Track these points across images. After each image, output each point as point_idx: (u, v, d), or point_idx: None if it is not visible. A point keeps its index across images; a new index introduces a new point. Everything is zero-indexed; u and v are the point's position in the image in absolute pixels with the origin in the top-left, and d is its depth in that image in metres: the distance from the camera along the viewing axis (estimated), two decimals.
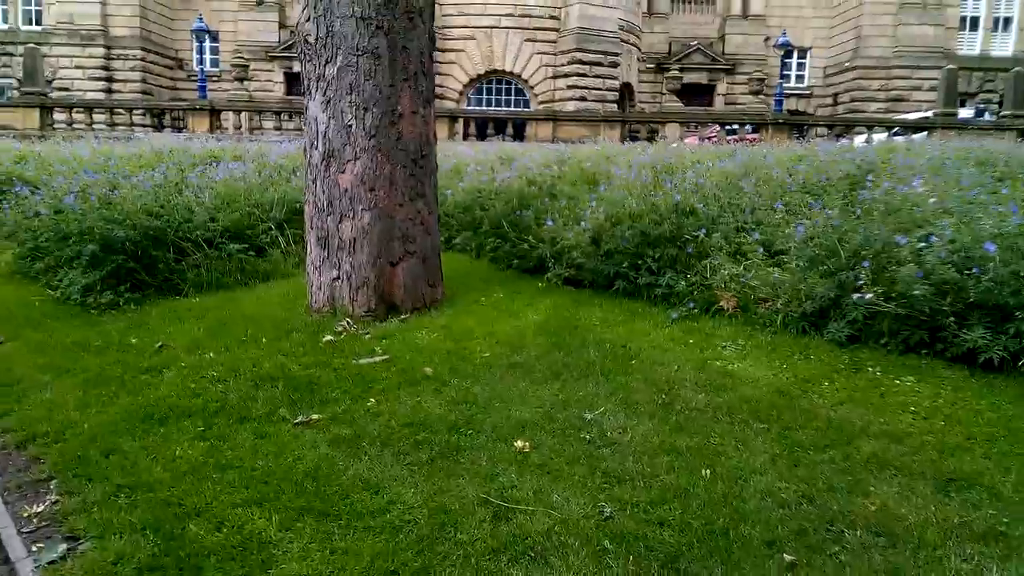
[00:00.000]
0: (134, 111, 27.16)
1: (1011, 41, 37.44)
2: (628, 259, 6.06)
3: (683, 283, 5.73)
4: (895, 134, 25.79)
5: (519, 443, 3.71)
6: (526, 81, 34.78)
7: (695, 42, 39.59)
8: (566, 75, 33.60)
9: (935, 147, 13.62)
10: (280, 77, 40.58)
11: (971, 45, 37.52)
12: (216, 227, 6.97)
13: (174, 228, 6.72)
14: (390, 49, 5.61)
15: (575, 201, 7.03)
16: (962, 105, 36.53)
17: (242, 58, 38.29)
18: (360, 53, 5.54)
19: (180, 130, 26.37)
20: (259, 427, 3.97)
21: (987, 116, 29.63)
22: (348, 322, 5.52)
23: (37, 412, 4.21)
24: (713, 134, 26.11)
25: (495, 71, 34.81)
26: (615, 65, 34.29)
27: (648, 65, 39.23)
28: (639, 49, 37.30)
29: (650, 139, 25.52)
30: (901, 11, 35.96)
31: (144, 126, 26.37)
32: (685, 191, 6.34)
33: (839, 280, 4.93)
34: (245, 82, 37.42)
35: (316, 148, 5.76)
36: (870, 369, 4.54)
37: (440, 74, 34.73)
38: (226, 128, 26.08)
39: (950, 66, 27.36)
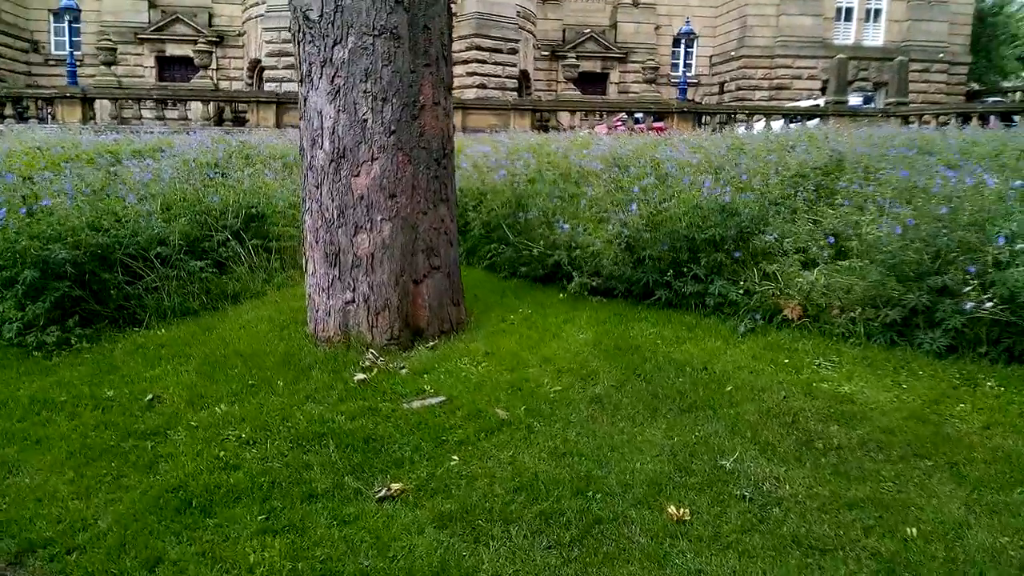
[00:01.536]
0: None
1: (881, 31, 39.49)
2: (668, 266, 5.48)
3: (735, 291, 5.20)
4: (790, 121, 26.61)
5: (671, 509, 3.06)
6: None
7: (588, 30, 39.62)
8: (465, 61, 32.77)
9: (861, 135, 13.86)
10: (151, 61, 37.81)
11: (846, 35, 39.30)
12: (171, 241, 5.86)
13: (123, 244, 5.58)
14: (411, 27, 4.76)
15: (595, 202, 6.37)
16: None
17: (109, 40, 35.07)
18: (377, 33, 4.67)
19: (46, 120, 23.81)
20: (335, 508, 3.13)
21: (873, 104, 31.05)
22: (373, 354, 4.67)
23: (23, 507, 3.19)
24: (619, 123, 26.03)
25: None
26: (514, 52, 33.81)
27: (543, 52, 38.95)
28: (534, 36, 36.94)
29: (544, 128, 25.18)
30: (783, 2, 37.17)
31: (2, 117, 23.59)
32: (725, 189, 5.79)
33: (928, 285, 4.53)
34: (113, 66, 34.33)
35: (321, 147, 4.84)
36: (988, 385, 4.15)
37: None
38: (100, 118, 23.75)
39: (840, 56, 28.44)
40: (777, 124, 25.92)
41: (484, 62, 32.83)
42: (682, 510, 3.04)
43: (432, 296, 5.03)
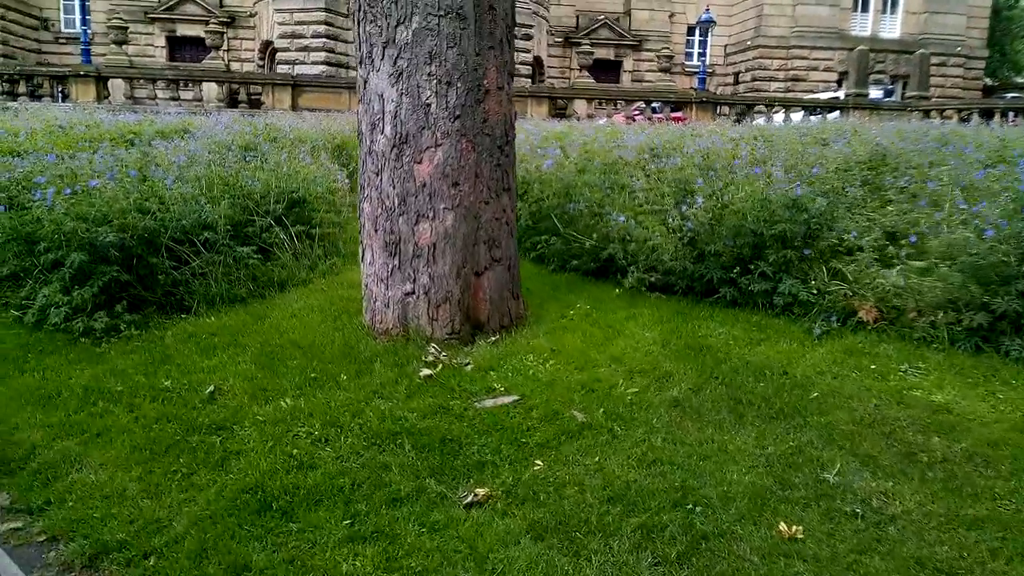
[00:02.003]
0: (2, 77, 23.99)
1: (898, 23, 39.06)
2: (732, 262, 5.30)
3: (805, 291, 5.02)
4: (810, 113, 26.32)
5: (782, 526, 2.89)
6: None
7: (602, 16, 39.23)
8: None
9: (888, 128, 13.66)
10: (162, 41, 37.50)
11: (863, 26, 38.86)
12: (218, 226, 5.67)
13: (169, 228, 5.40)
14: (476, 8, 4.56)
15: (644, 193, 6.17)
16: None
17: (120, 19, 34.69)
18: (442, 13, 4.46)
19: (60, 99, 23.58)
20: (421, 513, 2.98)
21: (893, 97, 30.73)
22: (435, 348, 4.49)
23: (89, 506, 3.04)
24: (637, 112, 25.76)
25: None
26: (528, 38, 33.47)
27: (556, 39, 38.59)
28: (548, 22, 36.58)
29: (561, 115, 24.87)
30: None
31: (15, 95, 23.34)
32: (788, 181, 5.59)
33: (1017, 290, 4.35)
34: (124, 46, 33.99)
35: (382, 132, 4.65)
36: None
37: (344, 42, 32.89)
38: (114, 98, 23.50)
39: (861, 47, 28.10)
40: (797, 116, 25.64)
41: None
42: (794, 527, 2.88)
43: (493, 289, 4.85)
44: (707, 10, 30.13)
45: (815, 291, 5.00)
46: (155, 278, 5.22)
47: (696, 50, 40.95)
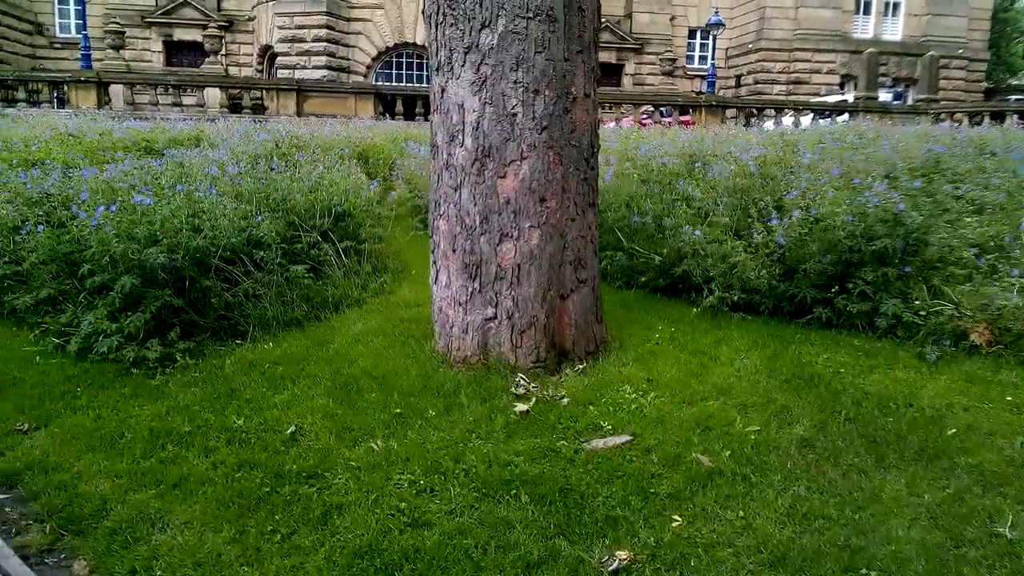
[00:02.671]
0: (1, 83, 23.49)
1: (900, 25, 38.91)
2: (825, 281, 4.96)
3: (909, 312, 4.68)
4: (819, 116, 26.09)
5: None
6: None
7: (603, 19, 38.86)
8: None
9: (908, 132, 13.39)
10: (159, 46, 36.98)
11: (865, 29, 38.69)
12: (270, 243, 5.30)
13: (219, 247, 5.02)
14: (566, 9, 4.22)
15: (712, 204, 5.82)
16: (855, 88, 37.92)
17: (117, 23, 34.29)
18: (531, 15, 4.11)
19: (59, 105, 23.09)
20: None
21: (903, 100, 30.56)
22: (523, 380, 4.14)
23: None
24: (646, 116, 25.48)
25: (405, 44, 32.85)
26: None
27: None
28: None
29: None
30: None
31: (13, 101, 22.83)
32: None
33: None
34: (121, 50, 33.49)
35: (461, 144, 4.29)
36: None
37: (345, 46, 32.52)
38: (115, 104, 23.02)
39: (870, 50, 27.92)
40: (806, 119, 25.42)
41: None
42: None
43: (578, 313, 4.50)
44: (716, 12, 29.83)
45: (920, 312, 4.66)
46: (208, 302, 4.84)
47: (698, 53, 40.75)
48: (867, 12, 38.55)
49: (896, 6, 38.71)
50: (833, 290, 4.86)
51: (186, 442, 3.56)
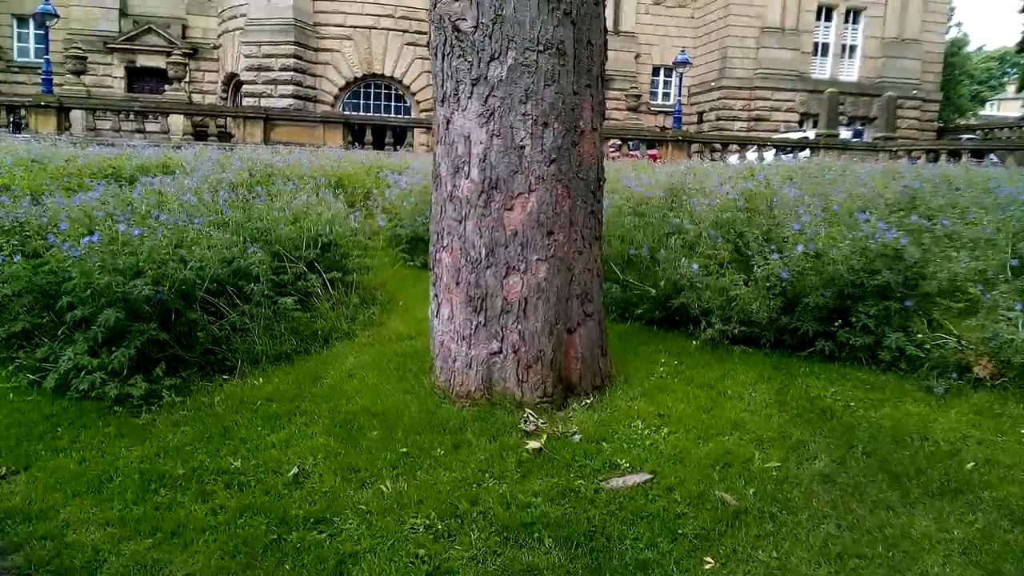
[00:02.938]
0: None
1: (856, 67, 40.11)
2: (826, 314, 4.93)
3: (911, 345, 4.67)
4: (781, 152, 26.61)
5: None
6: (407, 87, 33.13)
7: None
8: None
9: (875, 170, 13.70)
10: (121, 72, 36.51)
11: (822, 70, 39.80)
12: (259, 274, 5.11)
13: (206, 278, 4.82)
14: (576, 43, 4.16)
15: (704, 239, 5.79)
16: (814, 126, 38.91)
17: (78, 48, 33.78)
18: (542, 48, 4.05)
19: (16, 130, 22.51)
20: None
21: (862, 139, 31.35)
22: (531, 415, 4.00)
23: None
24: (613, 149, 25.74)
25: (374, 75, 32.86)
26: None
27: None
28: None
29: None
30: (762, 35, 37.47)
31: None
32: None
33: None
34: (81, 76, 32.92)
35: (467, 177, 4.19)
36: None
37: (313, 75, 32.39)
38: (76, 130, 22.53)
39: (831, 90, 28.64)
40: (769, 155, 25.90)
41: None
42: None
43: (585, 347, 4.39)
44: (683, 51, 30.39)
45: (924, 345, 4.65)
46: (194, 335, 4.63)
47: (661, 89, 41.51)
48: (825, 54, 39.70)
49: (852, 48, 39.92)
50: (836, 323, 4.83)
51: (180, 486, 3.35)
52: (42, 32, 28.90)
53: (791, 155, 25.96)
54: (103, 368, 4.15)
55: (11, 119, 22.60)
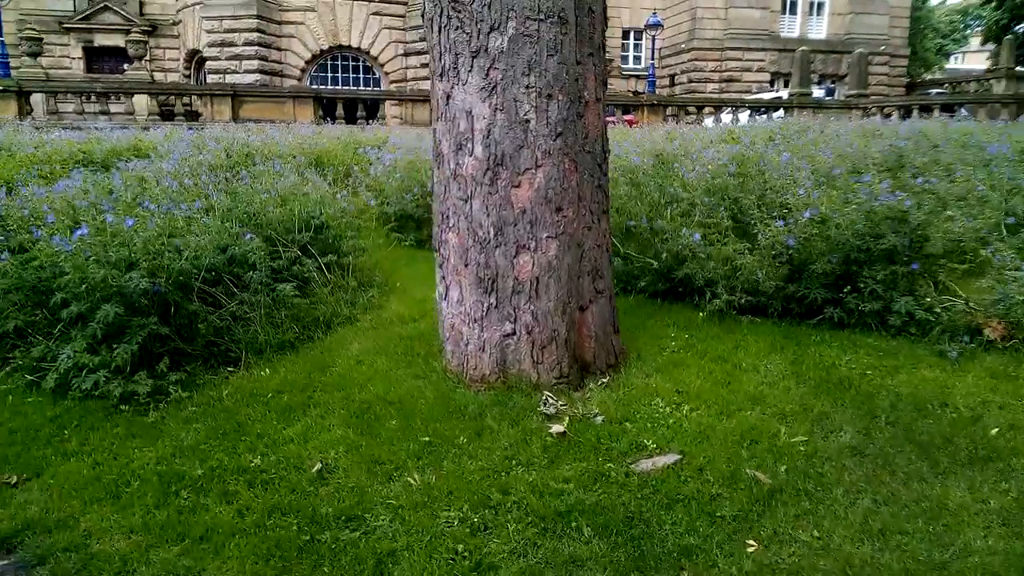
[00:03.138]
0: None
1: (824, 24, 40.08)
2: (834, 280, 4.91)
3: (920, 309, 4.67)
4: (756, 113, 26.60)
5: None
6: (375, 58, 32.56)
7: None
8: (419, 52, 31.73)
9: (851, 127, 13.73)
10: (78, 52, 35.47)
11: (791, 28, 39.72)
12: (256, 261, 4.97)
13: (201, 267, 4.68)
14: (577, 10, 4.04)
15: (697, 206, 5.73)
16: (785, 85, 38.91)
17: (33, 29, 32.58)
18: (542, 17, 3.92)
19: None
20: None
21: (834, 96, 31.38)
22: (550, 398, 3.93)
23: None
24: None
25: (340, 46, 32.23)
26: None
27: None
28: None
29: None
30: None
31: None
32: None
33: None
34: (38, 57, 31.89)
35: (470, 154, 4.07)
36: None
37: (278, 49, 31.69)
38: (38, 113, 21.85)
39: (803, 48, 28.59)
40: (743, 116, 25.88)
41: None
42: None
43: (597, 324, 4.33)
44: (654, 13, 30.12)
45: (932, 309, 4.65)
46: (194, 328, 4.50)
47: (632, 53, 41.18)
48: (793, 12, 39.58)
49: (820, 6, 39.85)
50: (846, 290, 4.81)
51: (202, 488, 3.25)
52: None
53: (765, 115, 25.96)
54: (105, 366, 4.01)
55: None
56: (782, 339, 4.76)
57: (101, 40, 34.91)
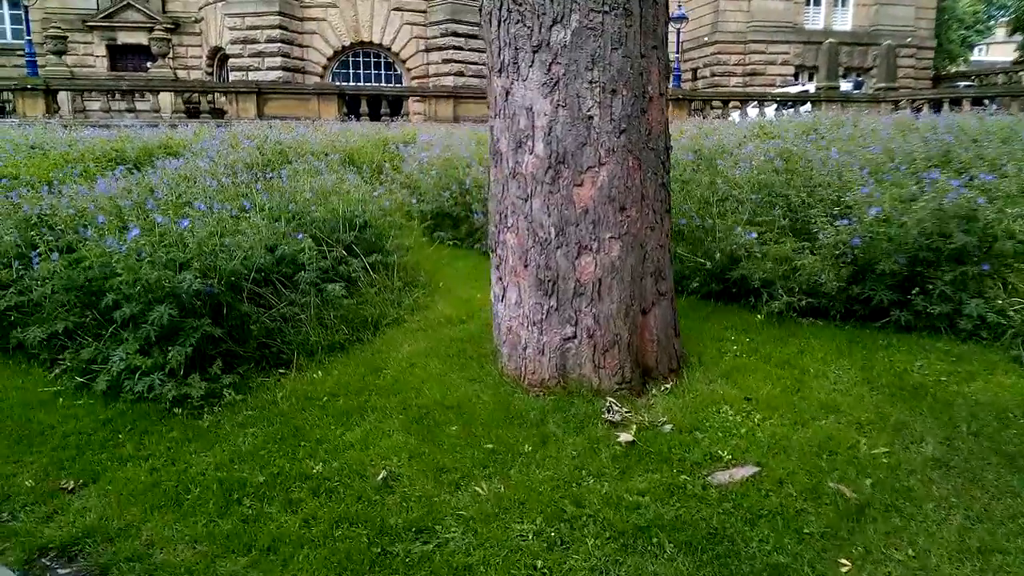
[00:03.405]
0: None
1: (849, 16, 39.60)
2: (900, 281, 4.75)
3: (992, 312, 4.50)
4: (783, 107, 26.31)
5: None
6: (397, 54, 32.45)
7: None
8: (440, 48, 31.67)
9: (887, 122, 13.45)
10: (102, 50, 35.66)
11: (815, 20, 39.26)
12: (307, 261, 4.88)
13: (252, 268, 4.59)
14: (641, 1, 3.90)
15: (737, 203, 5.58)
16: (810, 79, 38.49)
17: (58, 28, 32.79)
18: (607, 8, 3.79)
19: (5, 114, 21.95)
20: None
21: (862, 90, 30.95)
22: (614, 404, 3.81)
23: None
24: None
25: (362, 43, 32.15)
26: None
27: None
28: None
29: None
30: None
31: None
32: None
33: None
34: (63, 56, 32.11)
35: (531, 151, 3.95)
36: None
37: (300, 46, 31.69)
38: (64, 111, 21.96)
39: (830, 41, 28.21)
40: (770, 110, 25.58)
41: (460, 48, 31.73)
42: None
43: (659, 328, 4.19)
44: (680, 6, 29.84)
45: (1004, 312, 4.47)
46: (246, 329, 4.41)
47: (672, 48, 40.82)
48: (817, 3, 39.14)
49: None
50: (914, 291, 4.64)
51: (264, 495, 3.15)
52: (17, 12, 28.13)
53: (792, 109, 25.69)
54: (159, 368, 3.93)
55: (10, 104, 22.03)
56: (847, 343, 4.61)
57: (124, 38, 35.09)
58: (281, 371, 4.41)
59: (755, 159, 7.34)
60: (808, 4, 38.98)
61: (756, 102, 26.38)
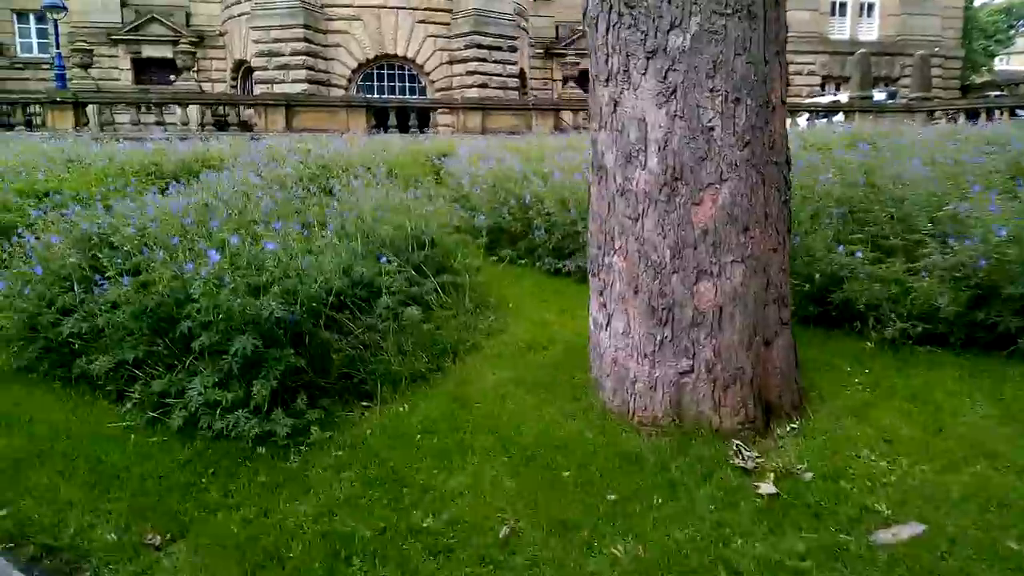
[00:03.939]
0: None
1: (875, 26, 39.21)
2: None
3: None
4: (816, 117, 25.93)
5: None
6: (421, 67, 32.28)
7: (581, 27, 38.53)
8: (464, 60, 31.46)
9: (930, 133, 13.01)
10: (127, 63, 35.79)
11: (841, 30, 38.91)
12: (388, 284, 4.56)
13: (331, 292, 4.27)
14: (765, 3, 3.56)
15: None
16: (837, 88, 38.07)
17: (84, 42, 32.88)
18: (730, 11, 3.46)
19: (29, 127, 21.87)
20: None
21: (896, 99, 30.50)
22: (742, 447, 3.45)
23: None
24: None
25: (386, 55, 32.01)
26: (514, 50, 32.59)
27: (537, 51, 37.81)
28: (528, 34, 35.68)
29: (560, 129, 23.89)
30: None
31: None
32: None
33: None
34: (88, 69, 32.12)
35: (643, 166, 3.61)
36: None
37: (324, 59, 31.60)
38: (93, 124, 21.88)
39: (863, 51, 27.78)
40: (802, 120, 25.19)
41: (484, 60, 31.51)
42: None
43: (783, 360, 3.83)
44: None
45: None
46: (328, 359, 4.09)
47: None
48: (843, 14, 38.82)
49: (871, 7, 39.03)
50: None
51: (375, 553, 2.82)
52: (43, 27, 28.18)
53: (824, 120, 25.31)
54: (241, 403, 3.61)
55: (23, 115, 21.97)
56: (971, 374, 4.23)
57: (149, 52, 35.19)
58: (364, 404, 4.09)
59: (822, 172, 6.99)
60: (834, 14, 38.68)
61: (787, 112, 25.91)
